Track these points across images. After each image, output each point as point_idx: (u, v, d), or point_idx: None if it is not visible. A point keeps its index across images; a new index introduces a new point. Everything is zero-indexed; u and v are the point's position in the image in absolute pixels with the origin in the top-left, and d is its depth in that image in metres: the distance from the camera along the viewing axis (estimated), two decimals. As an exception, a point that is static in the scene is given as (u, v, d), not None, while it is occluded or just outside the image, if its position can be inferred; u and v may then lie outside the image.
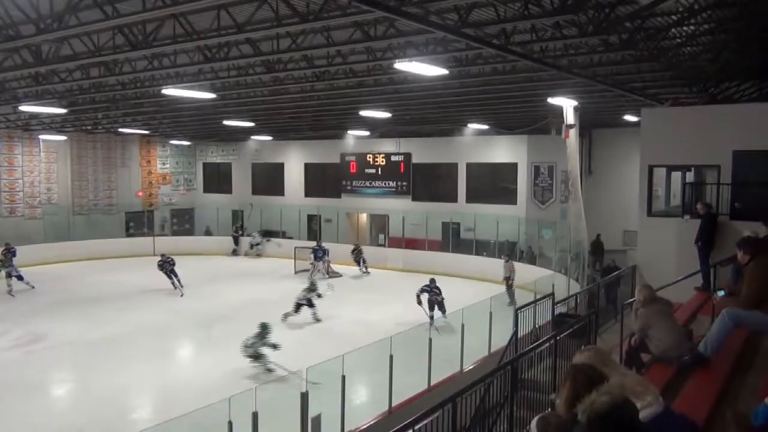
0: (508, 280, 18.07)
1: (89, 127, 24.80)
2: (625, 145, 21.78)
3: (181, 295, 18.79)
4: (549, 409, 3.14)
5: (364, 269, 23.00)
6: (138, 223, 29.10)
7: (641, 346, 6.26)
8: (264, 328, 12.22)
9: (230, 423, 6.44)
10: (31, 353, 13.55)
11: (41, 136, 25.48)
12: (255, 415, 6.71)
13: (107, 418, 9.91)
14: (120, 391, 11.45)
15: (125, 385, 11.79)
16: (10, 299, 18.33)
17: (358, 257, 23.23)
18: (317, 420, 7.56)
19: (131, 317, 16.47)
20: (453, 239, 23.92)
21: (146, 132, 26.86)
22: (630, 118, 18.60)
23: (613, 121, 20.60)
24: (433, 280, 15.86)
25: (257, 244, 26.97)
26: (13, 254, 20.81)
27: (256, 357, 11.92)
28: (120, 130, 25.59)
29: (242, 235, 27.67)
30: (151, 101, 16.92)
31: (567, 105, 15.13)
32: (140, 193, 29.58)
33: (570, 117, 15.40)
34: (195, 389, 11.00)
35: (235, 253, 27.33)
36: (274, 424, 7.22)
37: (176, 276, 19.15)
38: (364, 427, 8.33)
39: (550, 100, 14.45)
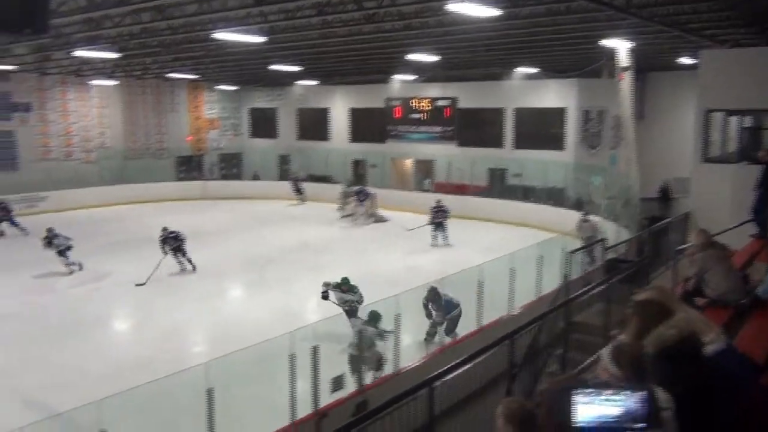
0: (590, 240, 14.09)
1: (139, 73, 25.15)
2: (679, 88, 21.11)
3: (193, 269, 15.92)
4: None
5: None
6: (188, 167, 29.77)
7: (697, 290, 6.28)
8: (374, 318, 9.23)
9: (292, 356, 6.75)
10: (97, 290, 14.25)
11: (93, 82, 26.00)
12: (315, 349, 6.99)
13: (173, 349, 10.44)
14: (181, 326, 12.03)
15: (185, 321, 12.36)
16: (75, 239, 19.09)
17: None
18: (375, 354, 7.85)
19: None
20: (499, 185, 23.79)
21: (194, 77, 27.12)
22: (686, 60, 17.95)
23: (667, 63, 19.92)
24: (439, 201, 18.30)
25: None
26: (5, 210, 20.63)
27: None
28: (169, 75, 25.88)
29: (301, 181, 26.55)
30: (200, 46, 17.03)
31: (621, 47, 14.66)
32: (189, 138, 30.12)
33: (624, 59, 14.94)
34: (250, 327, 11.45)
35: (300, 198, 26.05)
36: (333, 358, 7.52)
37: (183, 253, 15.95)
38: (418, 364, 8.60)
39: (604, 42, 14.02)
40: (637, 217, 15.75)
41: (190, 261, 15.87)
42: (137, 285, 14.19)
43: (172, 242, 15.75)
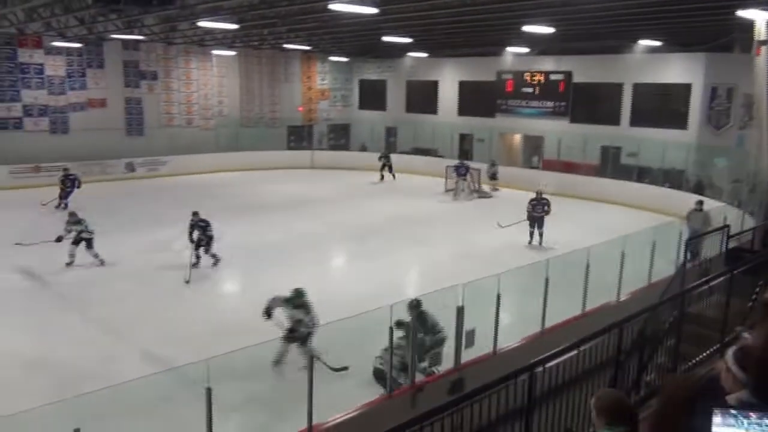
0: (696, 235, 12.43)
1: (256, 43, 25.96)
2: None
3: (214, 264, 13.82)
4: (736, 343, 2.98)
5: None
6: (298, 136, 30.57)
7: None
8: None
9: (391, 329, 6.80)
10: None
11: (214, 52, 27.12)
12: (412, 324, 7.01)
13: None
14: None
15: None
16: (188, 205, 20.13)
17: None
18: (471, 334, 7.77)
19: (292, 225, 17.58)
20: (612, 164, 22.74)
21: (307, 48, 27.66)
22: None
23: (812, 37, 18.10)
24: (539, 192, 16.31)
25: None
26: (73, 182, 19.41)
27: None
28: (284, 46, 26.54)
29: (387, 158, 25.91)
30: (314, 17, 17.32)
31: (760, 18, 13.45)
32: (301, 108, 30.87)
33: (763, 32, 13.70)
34: (351, 295, 11.65)
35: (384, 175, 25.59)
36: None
37: (208, 246, 13.68)
38: (517, 345, 8.44)
39: (740, 13, 12.91)
40: (765, 204, 14.57)
41: (214, 256, 13.76)
42: (186, 282, 12.70)
43: (201, 231, 13.54)
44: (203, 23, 17.57)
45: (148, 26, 20.17)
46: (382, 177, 25.30)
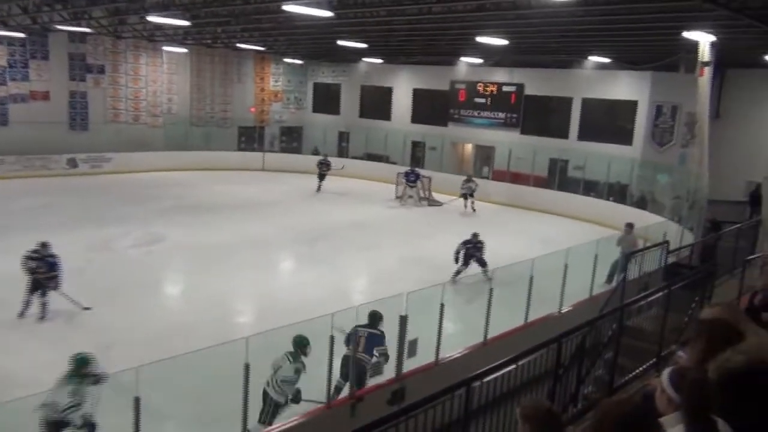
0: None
1: (209, 41, 25.48)
2: (761, 88, 20.01)
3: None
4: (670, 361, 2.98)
5: (471, 206, 21.58)
6: (249, 138, 30.11)
7: (765, 305, 5.87)
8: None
9: (332, 337, 6.68)
10: (149, 254, 14.57)
11: (164, 48, 26.51)
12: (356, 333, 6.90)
13: (215, 319, 10.54)
14: (227, 295, 12.16)
15: (232, 290, 12.49)
16: (132, 203, 19.57)
17: (468, 192, 21.67)
18: (414, 343, 7.70)
19: (239, 227, 17.27)
20: (560, 176, 23.15)
21: (262, 49, 27.30)
22: (772, 58, 16.91)
23: (751, 60, 18.81)
24: (475, 235, 13.93)
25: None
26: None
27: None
28: (237, 45, 26.13)
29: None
30: (269, 17, 17.07)
31: (704, 40, 13.88)
32: (253, 109, 30.45)
33: (706, 54, 14.15)
34: (296, 301, 11.49)
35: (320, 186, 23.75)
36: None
37: (48, 288, 10.50)
38: (458, 355, 8.42)
39: (685, 34, 13.29)
40: (703, 221, 15.03)
41: (44, 305, 10.46)
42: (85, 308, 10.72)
43: (45, 271, 10.48)
44: (153, 18, 17.11)
45: (96, 18, 19.54)
46: (320, 188, 23.49)
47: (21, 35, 22.56)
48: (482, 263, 13.43)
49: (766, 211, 12.32)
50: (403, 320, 7.54)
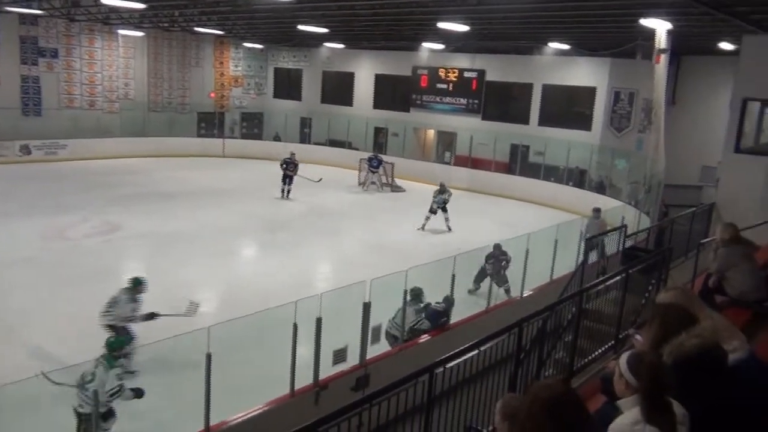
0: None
1: (166, 25, 24.91)
2: (715, 75, 20.48)
3: None
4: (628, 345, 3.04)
5: (447, 224, 16.82)
6: (209, 124, 29.61)
7: (717, 288, 6.04)
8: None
9: (295, 325, 6.64)
10: (107, 242, 14.26)
11: (120, 31, 25.82)
12: (319, 321, 6.89)
13: (175, 309, 10.35)
14: (187, 284, 11.96)
15: (192, 279, 12.31)
16: (88, 191, 19.11)
17: (441, 205, 17.04)
18: (377, 330, 7.73)
19: (199, 215, 17.03)
20: (521, 162, 23.40)
21: (221, 33, 26.83)
22: (726, 46, 17.30)
23: (706, 48, 19.23)
24: (497, 246, 11.69)
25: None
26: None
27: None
28: (195, 29, 25.62)
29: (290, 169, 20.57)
30: (227, 1, 16.78)
31: (660, 27, 14.12)
32: (212, 95, 29.93)
33: (663, 41, 14.40)
34: (258, 289, 11.41)
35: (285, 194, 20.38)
36: (335, 331, 7.40)
37: None
38: (423, 341, 8.47)
39: (643, 22, 13.50)
40: (659, 205, 15.39)
41: None
42: None
43: None
44: (108, 0, 16.64)
45: (48, 0, 18.94)
46: (287, 192, 20.11)
47: (-32, 17, 21.76)
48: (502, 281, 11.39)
49: (719, 195, 12.64)
50: (367, 307, 7.55)
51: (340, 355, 7.26)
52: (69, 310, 10.14)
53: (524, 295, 10.68)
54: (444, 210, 16.94)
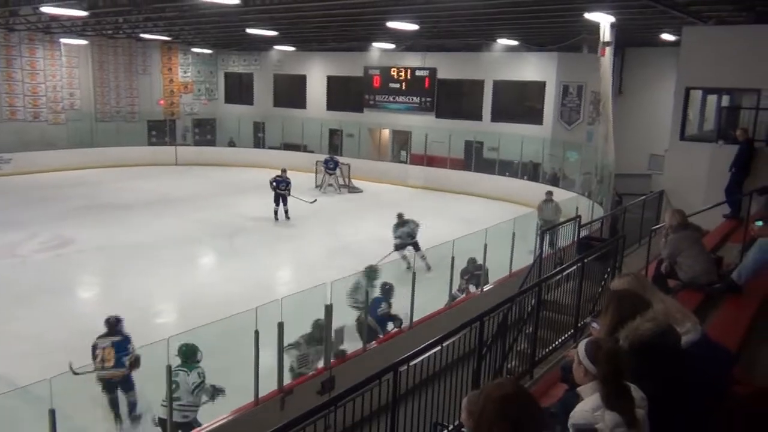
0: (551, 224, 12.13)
1: (110, 32, 24.35)
2: (659, 65, 21.05)
3: None
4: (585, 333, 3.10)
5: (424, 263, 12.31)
6: (160, 131, 29.03)
7: (669, 272, 6.21)
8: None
9: (257, 332, 6.57)
10: (59, 256, 13.87)
11: (62, 40, 25.12)
12: (281, 325, 6.83)
13: (133, 320, 10.13)
14: (145, 295, 11.74)
15: (150, 290, 12.08)
16: (36, 205, 18.57)
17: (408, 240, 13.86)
18: (340, 332, 7.70)
19: (154, 225, 16.71)
20: (476, 158, 23.64)
21: (168, 39, 26.34)
22: (667, 37, 17.82)
23: (648, 39, 19.79)
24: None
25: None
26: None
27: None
28: (141, 36, 25.10)
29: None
30: (173, 6, 16.48)
31: (604, 21, 14.45)
32: (162, 102, 29.37)
33: (607, 34, 14.74)
34: (218, 297, 11.24)
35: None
36: (298, 334, 7.36)
37: None
38: (385, 340, 8.48)
39: (587, 16, 13.80)
40: (610, 195, 15.74)
41: None
42: None
43: None
44: (48, 9, 16.18)
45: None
46: (284, 213, 18.16)
47: None
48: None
49: (667, 182, 12.99)
50: (329, 309, 7.51)
51: (303, 361, 7.21)
52: (21, 328, 9.83)
53: (485, 288, 10.79)
54: (414, 246, 13.55)
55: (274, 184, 18.24)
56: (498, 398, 2.14)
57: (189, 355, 6.68)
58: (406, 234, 13.79)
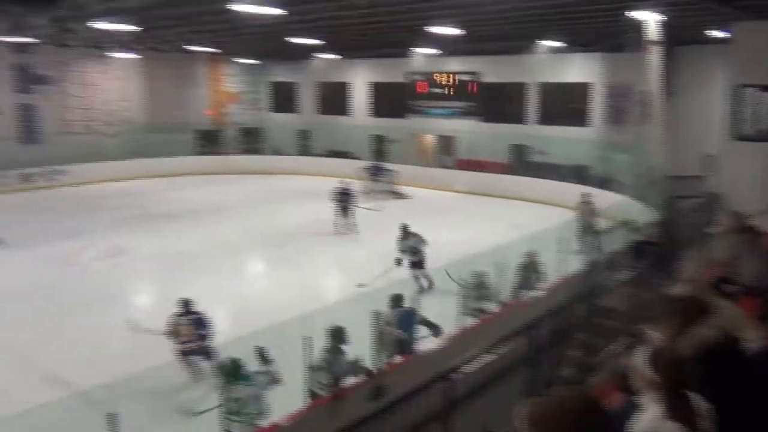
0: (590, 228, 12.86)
1: (159, 46, 25.00)
2: (709, 63, 20.47)
3: None
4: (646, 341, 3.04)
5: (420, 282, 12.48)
6: (208, 141, 29.67)
7: (727, 278, 6.03)
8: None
9: (309, 338, 6.62)
10: (116, 266, 14.28)
11: (114, 55, 25.92)
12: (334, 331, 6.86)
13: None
14: (198, 303, 11.95)
15: (203, 298, 12.26)
16: (91, 215, 19.13)
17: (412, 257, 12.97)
18: (392, 338, 7.69)
19: (205, 233, 17.05)
20: (522, 162, 23.38)
21: (214, 50, 26.90)
22: (717, 34, 17.32)
23: (697, 37, 19.24)
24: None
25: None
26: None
27: None
28: (189, 48, 25.69)
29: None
30: (217, 18, 16.82)
31: (650, 19, 14.15)
32: (209, 112, 30.00)
33: (653, 32, 14.43)
34: (269, 304, 11.39)
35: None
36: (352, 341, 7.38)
37: None
38: (439, 347, 8.43)
39: (634, 14, 13.53)
40: (663, 198, 15.35)
41: None
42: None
43: None
44: (99, 25, 16.69)
45: (39, 28, 18.99)
46: (353, 227, 17.40)
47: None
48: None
49: (722, 185, 12.62)
50: (378, 315, 7.52)
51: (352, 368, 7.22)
52: (82, 336, 10.16)
53: (536, 294, 10.65)
54: (418, 265, 12.62)
55: (337, 196, 17.51)
56: (578, 411, 2.04)
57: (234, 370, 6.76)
58: (409, 247, 12.95)
